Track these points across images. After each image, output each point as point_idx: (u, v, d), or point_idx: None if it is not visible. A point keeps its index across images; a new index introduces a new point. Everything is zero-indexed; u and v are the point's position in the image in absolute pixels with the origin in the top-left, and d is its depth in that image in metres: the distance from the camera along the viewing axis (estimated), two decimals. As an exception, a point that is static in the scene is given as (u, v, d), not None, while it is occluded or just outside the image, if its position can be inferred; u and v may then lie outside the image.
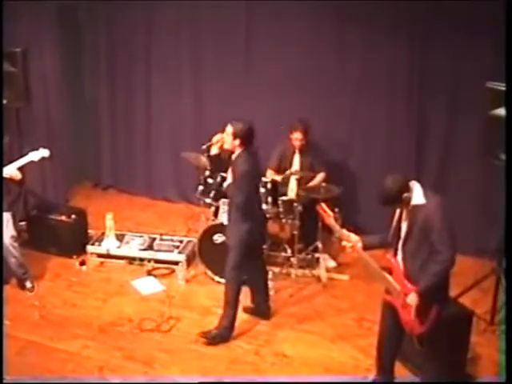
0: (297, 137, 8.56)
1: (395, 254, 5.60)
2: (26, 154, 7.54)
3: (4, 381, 5.72)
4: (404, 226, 5.51)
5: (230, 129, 6.73)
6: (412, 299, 5.42)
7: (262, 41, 9.43)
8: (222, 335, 7.06)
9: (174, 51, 10.06)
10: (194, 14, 9.73)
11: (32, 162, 7.54)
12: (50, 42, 9.76)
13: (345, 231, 5.81)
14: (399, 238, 5.57)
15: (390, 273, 5.61)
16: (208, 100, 10.03)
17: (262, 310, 7.50)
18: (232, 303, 7.04)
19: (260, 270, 7.41)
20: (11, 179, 7.45)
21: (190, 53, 9.97)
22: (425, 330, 5.48)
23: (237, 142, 6.70)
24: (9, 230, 7.65)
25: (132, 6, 10.02)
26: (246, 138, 6.73)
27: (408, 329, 5.62)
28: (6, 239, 7.64)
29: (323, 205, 5.91)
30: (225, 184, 7.17)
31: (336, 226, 5.81)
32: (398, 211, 5.58)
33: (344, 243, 5.77)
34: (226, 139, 6.81)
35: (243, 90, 9.71)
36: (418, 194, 5.38)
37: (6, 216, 7.63)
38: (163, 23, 9.96)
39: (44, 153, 7.60)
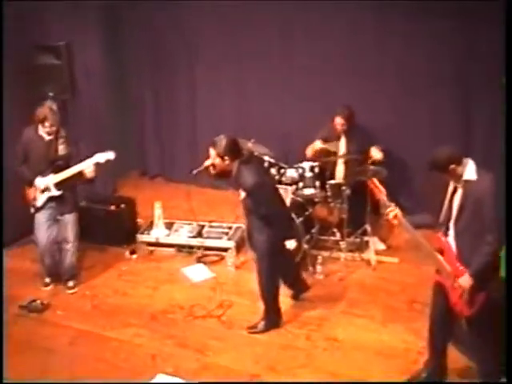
0: (338, 122, 8.51)
1: (446, 234, 5.55)
2: (92, 155, 7.51)
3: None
4: (456, 204, 5.45)
5: (212, 152, 6.51)
6: (464, 281, 5.36)
7: (303, 29, 9.42)
8: (271, 325, 7.05)
9: (216, 41, 10.10)
10: (235, 6, 9.71)
11: (98, 163, 7.54)
12: (93, 35, 9.86)
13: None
14: (450, 216, 5.52)
15: (441, 253, 5.56)
16: (250, 87, 10.06)
17: (298, 287, 7.49)
18: (271, 299, 7.00)
19: (287, 260, 7.29)
20: (82, 177, 7.49)
21: (231, 42, 10.02)
22: (474, 312, 5.43)
23: (226, 160, 6.47)
24: (74, 231, 7.72)
25: (174, -1, 10.09)
26: (233, 152, 6.46)
27: (457, 310, 5.57)
28: (71, 238, 7.71)
29: (375, 180, 5.82)
30: (240, 198, 6.81)
31: (387, 203, 5.73)
32: (450, 189, 5.52)
33: (389, 214, 5.61)
34: (215, 163, 6.55)
35: (284, 79, 9.74)
36: (470, 170, 5.33)
37: (72, 217, 7.69)
38: (204, 14, 9.99)
39: (109, 155, 7.55)
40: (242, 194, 6.66)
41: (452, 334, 5.97)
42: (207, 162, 6.71)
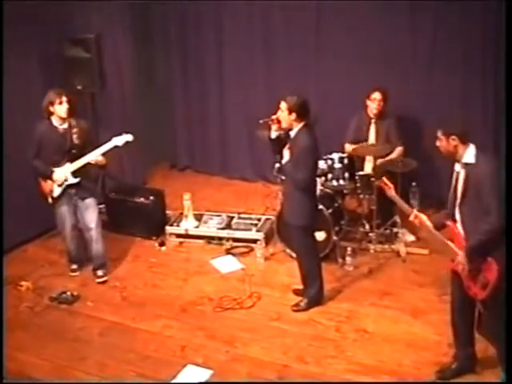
0: (375, 97, 8.43)
1: (454, 219, 5.58)
2: (110, 139, 7.58)
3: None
4: (459, 189, 5.49)
5: (284, 105, 6.65)
6: (461, 257, 5.43)
7: (333, 14, 9.33)
8: (313, 303, 7.14)
9: (246, 30, 10.09)
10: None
11: (116, 146, 7.58)
12: (122, 28, 9.88)
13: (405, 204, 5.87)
14: (456, 201, 5.55)
15: (452, 239, 5.60)
16: (281, 77, 9.97)
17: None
18: (315, 275, 7.08)
19: None
20: (96, 165, 7.55)
21: (261, 31, 10.00)
22: (488, 294, 5.39)
23: (293, 116, 6.61)
24: (95, 215, 7.72)
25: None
26: (302, 110, 6.62)
27: (471, 294, 5.55)
28: (94, 223, 7.71)
29: (384, 178, 5.99)
30: (283, 162, 6.93)
31: (396, 197, 5.87)
32: (454, 174, 5.55)
33: (414, 221, 5.78)
34: (281, 116, 6.71)
35: (315, 65, 9.68)
36: (469, 154, 5.39)
37: (92, 202, 7.69)
38: (234, 2, 9.97)
39: (127, 137, 7.56)
40: (286, 156, 6.76)
41: (473, 322, 5.89)
42: (274, 116, 6.84)
